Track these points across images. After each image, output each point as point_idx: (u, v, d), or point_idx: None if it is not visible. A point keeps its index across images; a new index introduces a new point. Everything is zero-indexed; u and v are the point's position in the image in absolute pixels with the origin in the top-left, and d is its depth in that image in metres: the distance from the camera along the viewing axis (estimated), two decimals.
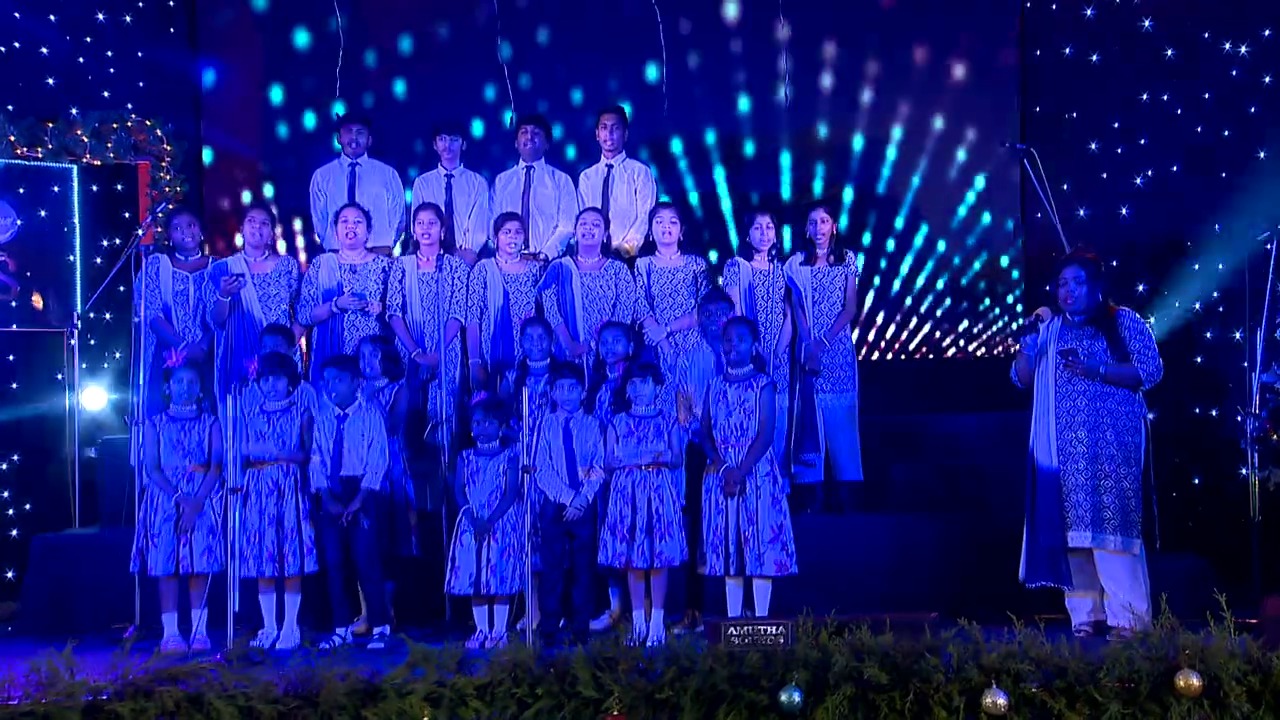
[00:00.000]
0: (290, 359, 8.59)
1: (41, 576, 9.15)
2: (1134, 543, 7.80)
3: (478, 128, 11.70)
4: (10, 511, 10.69)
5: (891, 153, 11.82)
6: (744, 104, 11.89)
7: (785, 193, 11.79)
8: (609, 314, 9.19)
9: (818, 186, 11.76)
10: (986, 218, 11.77)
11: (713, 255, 11.46)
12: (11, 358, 10.87)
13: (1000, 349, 11.59)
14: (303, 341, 9.57)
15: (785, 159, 11.87)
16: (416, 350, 9.25)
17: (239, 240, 9.99)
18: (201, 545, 8.25)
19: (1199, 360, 10.25)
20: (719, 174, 11.93)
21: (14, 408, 10.73)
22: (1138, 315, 8.07)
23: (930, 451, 10.00)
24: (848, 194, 11.83)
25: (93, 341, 10.92)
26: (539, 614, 8.09)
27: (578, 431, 8.21)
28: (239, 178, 12.05)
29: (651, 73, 11.84)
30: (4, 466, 10.75)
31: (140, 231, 9.80)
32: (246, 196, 11.91)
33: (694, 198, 11.93)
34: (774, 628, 5.36)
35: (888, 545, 8.99)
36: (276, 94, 12.07)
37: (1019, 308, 11.70)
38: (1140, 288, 10.64)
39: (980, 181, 11.72)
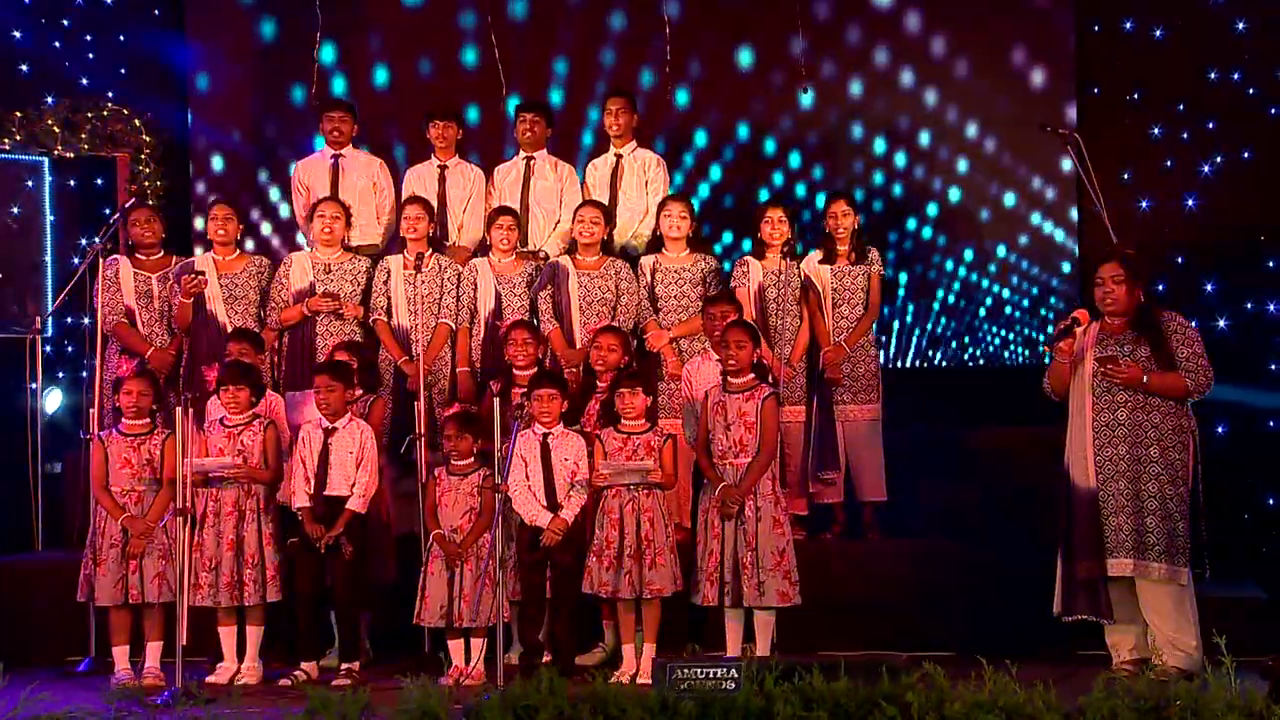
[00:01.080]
0: (254, 368, 8.29)
1: None
2: (1181, 571, 7.33)
3: (473, 114, 11.30)
4: None
5: (927, 139, 11.34)
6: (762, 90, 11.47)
7: (803, 186, 11.36)
8: (609, 317, 8.84)
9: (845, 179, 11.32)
10: (1035, 216, 11.21)
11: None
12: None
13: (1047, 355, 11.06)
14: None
15: (798, 150, 11.50)
16: (403, 358, 8.89)
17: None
18: (153, 572, 7.97)
19: (1273, 368, 9.74)
20: (730, 166, 11.56)
21: None
22: (1186, 320, 7.59)
23: (963, 469, 9.53)
24: (879, 185, 11.35)
25: (70, 348, 10.69)
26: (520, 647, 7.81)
27: (557, 447, 7.86)
28: (231, 170, 11.72)
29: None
30: None
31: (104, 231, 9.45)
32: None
33: (704, 190, 11.55)
34: (723, 669, 4.99)
35: (912, 573, 8.62)
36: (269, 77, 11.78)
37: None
38: (1208, 286, 10.21)
39: (1027, 170, 11.17)
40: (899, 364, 11.19)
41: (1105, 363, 7.38)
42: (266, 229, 11.66)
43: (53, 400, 10.34)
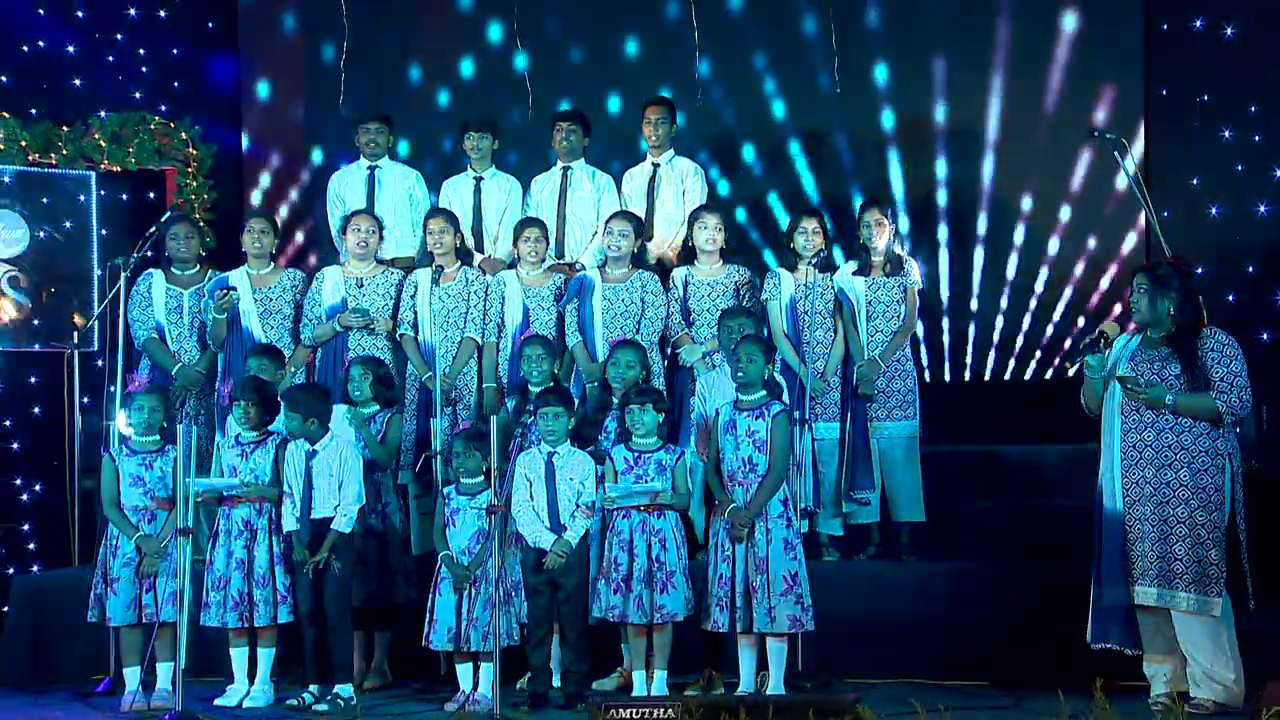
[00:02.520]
0: (269, 384, 8.24)
1: (23, 620, 9.02)
2: (1212, 602, 7.00)
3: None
4: (31, 545, 10.57)
5: (985, 142, 11.02)
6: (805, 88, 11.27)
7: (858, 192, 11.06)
8: (633, 331, 8.69)
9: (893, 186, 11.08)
10: (1100, 224, 10.87)
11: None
12: (34, 379, 10.80)
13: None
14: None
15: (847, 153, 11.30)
16: (427, 374, 8.81)
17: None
18: (166, 591, 7.95)
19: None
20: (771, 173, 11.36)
21: (37, 433, 10.60)
22: (1228, 337, 7.24)
23: (1005, 488, 9.27)
24: (930, 192, 11.07)
25: (100, 363, 10.72)
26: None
27: (563, 466, 7.72)
28: (283, 183, 11.74)
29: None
30: (25, 498, 10.67)
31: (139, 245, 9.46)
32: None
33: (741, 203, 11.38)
34: (661, 710, 4.83)
35: (949, 597, 8.35)
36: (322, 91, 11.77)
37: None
38: None
39: (1094, 176, 10.79)
40: (943, 378, 10.89)
41: (1124, 382, 7.10)
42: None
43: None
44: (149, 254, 9.50)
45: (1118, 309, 10.24)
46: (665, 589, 7.49)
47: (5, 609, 10.00)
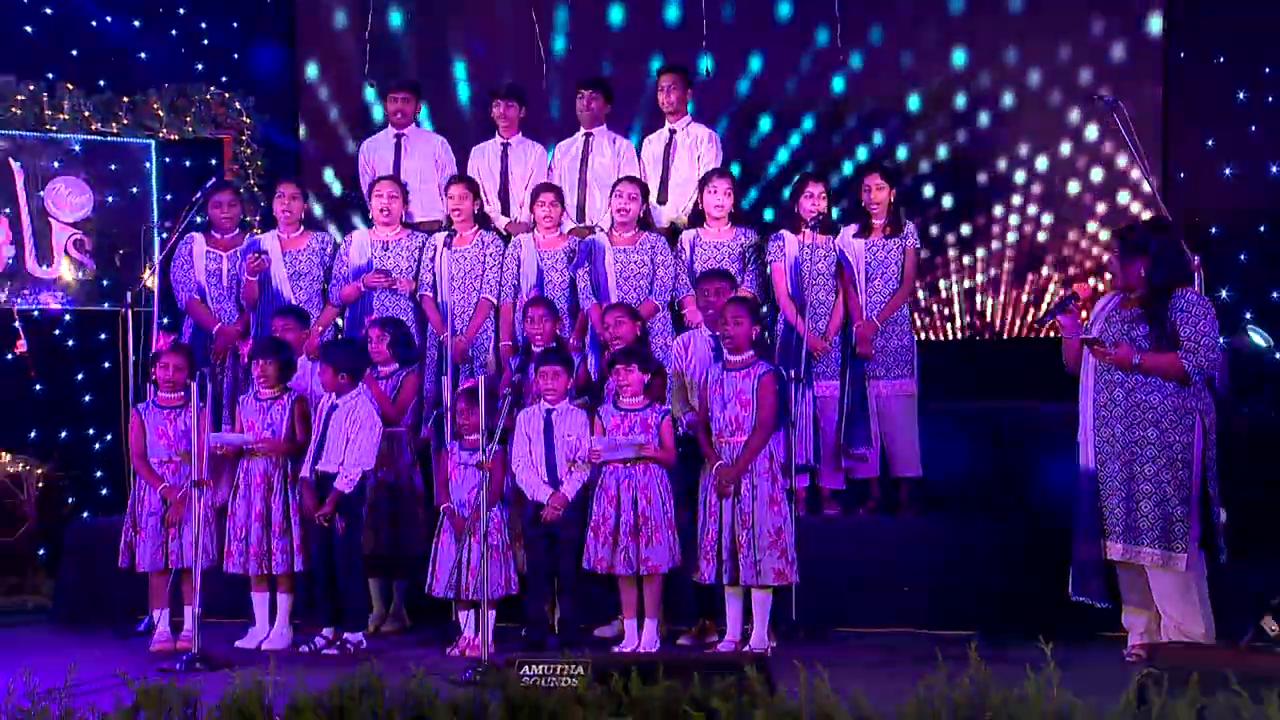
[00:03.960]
0: (286, 344, 8.18)
1: (75, 564, 9.06)
2: (1177, 557, 6.78)
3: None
4: (104, 492, 10.64)
5: (1004, 104, 10.71)
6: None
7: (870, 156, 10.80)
8: (645, 293, 8.55)
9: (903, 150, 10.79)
10: (1116, 189, 10.46)
11: None
12: (103, 336, 10.85)
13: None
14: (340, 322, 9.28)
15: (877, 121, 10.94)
16: (444, 333, 8.72)
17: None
18: (190, 538, 7.92)
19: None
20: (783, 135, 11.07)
21: (104, 388, 10.66)
22: (1199, 297, 6.98)
23: (1002, 445, 8.98)
24: (936, 153, 10.77)
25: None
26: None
27: (560, 424, 7.60)
28: (336, 151, 11.66)
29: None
30: (97, 447, 10.75)
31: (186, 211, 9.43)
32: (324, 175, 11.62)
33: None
34: (572, 665, 4.69)
35: (944, 550, 8.15)
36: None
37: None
38: None
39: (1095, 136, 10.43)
40: (941, 337, 10.61)
41: (1090, 344, 6.86)
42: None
43: None
44: (197, 219, 9.45)
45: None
46: (650, 542, 7.38)
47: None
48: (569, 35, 11.28)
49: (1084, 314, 7.22)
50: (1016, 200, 10.58)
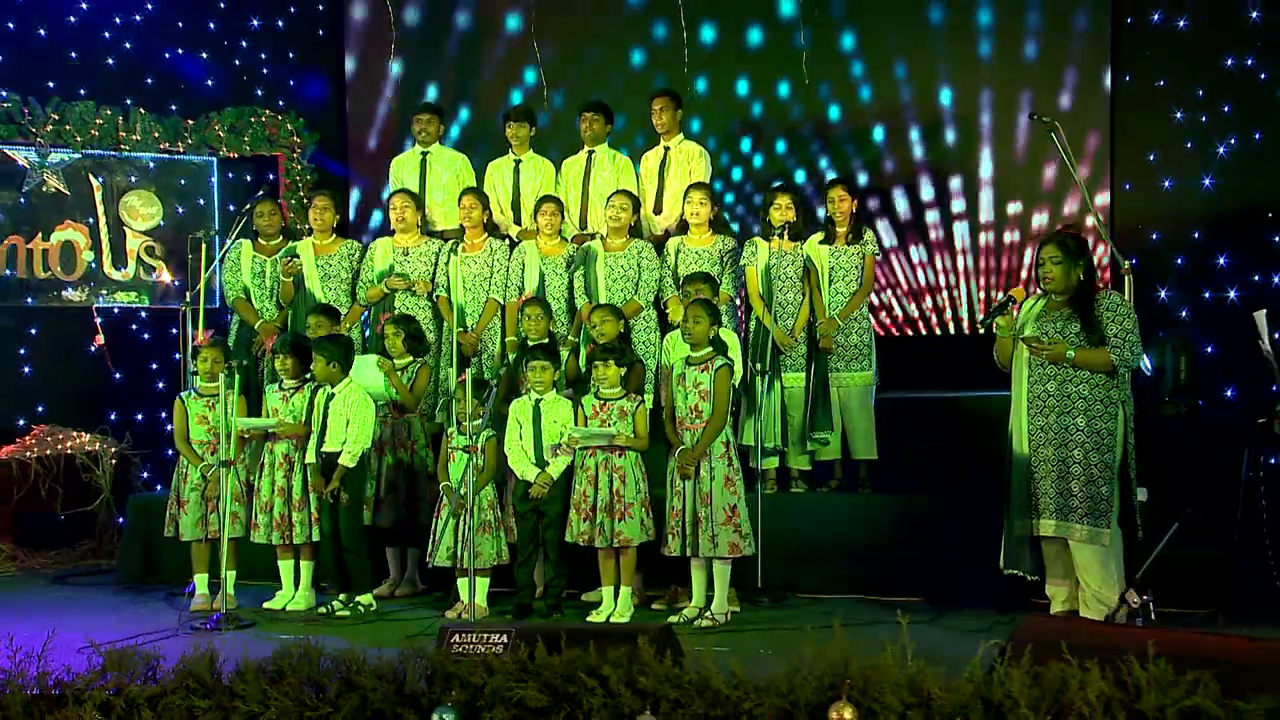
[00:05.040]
0: (304, 340, 8.07)
1: (136, 531, 8.98)
2: (1102, 533, 6.58)
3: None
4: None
5: (961, 123, 10.39)
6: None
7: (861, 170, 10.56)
8: (632, 293, 8.35)
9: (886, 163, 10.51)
10: (1045, 191, 10.19)
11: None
12: (173, 331, 10.73)
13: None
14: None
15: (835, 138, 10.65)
16: (458, 329, 8.56)
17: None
18: (225, 512, 7.82)
19: (1279, 336, 8.64)
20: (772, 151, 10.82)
21: (174, 376, 10.59)
22: (1122, 298, 6.81)
23: (950, 431, 8.73)
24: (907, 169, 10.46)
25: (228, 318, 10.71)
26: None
27: (547, 412, 7.43)
28: (381, 167, 11.52)
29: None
30: (169, 428, 10.54)
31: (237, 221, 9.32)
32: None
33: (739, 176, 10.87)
34: (496, 635, 4.51)
35: (894, 524, 7.93)
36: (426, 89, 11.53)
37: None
38: (1221, 260, 9.14)
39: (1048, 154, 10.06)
40: (897, 333, 10.31)
41: (1028, 342, 6.63)
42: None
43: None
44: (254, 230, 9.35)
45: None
46: (623, 518, 7.19)
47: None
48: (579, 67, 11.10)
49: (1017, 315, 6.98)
50: (964, 209, 10.28)
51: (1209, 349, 8.89)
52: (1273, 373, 7.20)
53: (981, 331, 8.67)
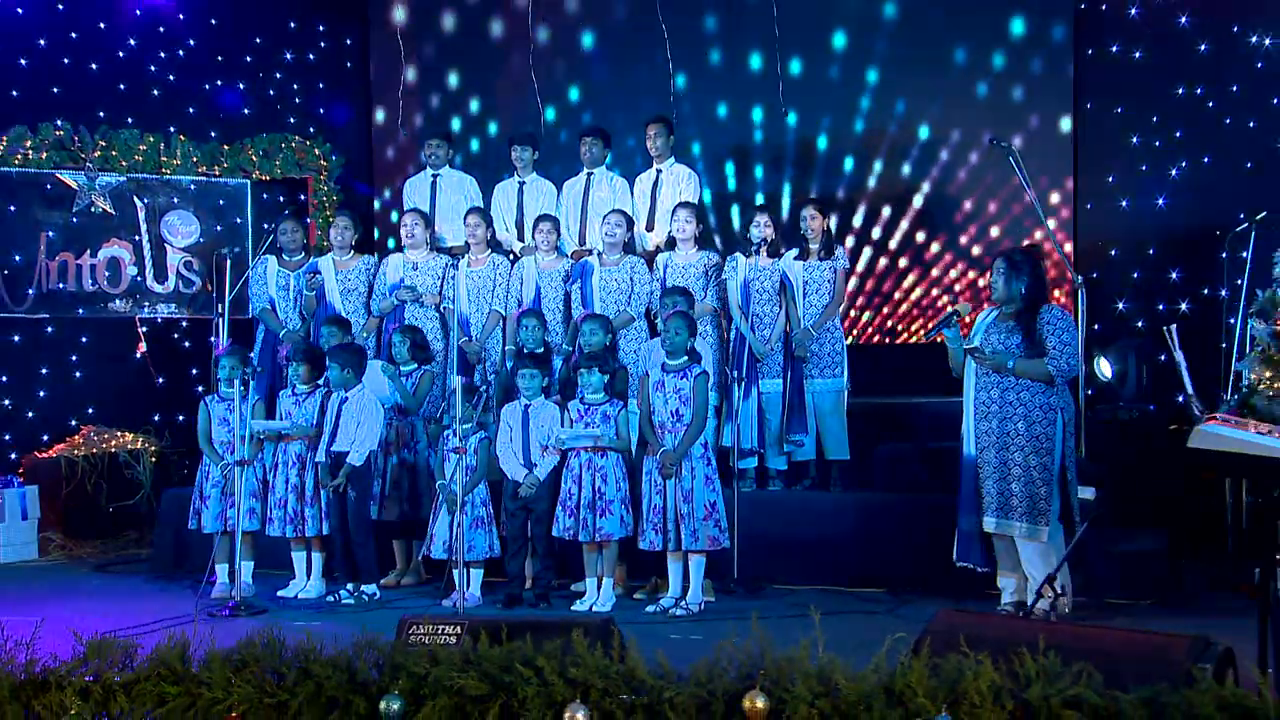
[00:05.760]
0: (316, 349, 8.01)
1: (168, 524, 8.90)
2: (1040, 529, 6.47)
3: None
4: None
5: (929, 146, 10.18)
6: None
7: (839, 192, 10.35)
8: (625, 306, 8.22)
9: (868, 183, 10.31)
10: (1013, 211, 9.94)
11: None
12: (212, 339, 10.66)
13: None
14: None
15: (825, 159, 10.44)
16: (463, 338, 8.46)
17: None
18: (245, 507, 7.76)
19: (1224, 346, 8.44)
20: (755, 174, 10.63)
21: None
22: (1063, 312, 6.65)
23: (915, 434, 8.59)
24: (871, 189, 10.27)
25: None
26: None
27: (535, 416, 7.32)
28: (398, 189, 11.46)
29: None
30: None
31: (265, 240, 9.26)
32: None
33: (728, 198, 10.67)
34: (450, 627, 4.41)
35: (862, 521, 7.79)
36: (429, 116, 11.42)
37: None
38: (1173, 275, 8.97)
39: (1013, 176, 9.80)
40: (867, 343, 10.14)
41: (971, 352, 6.51)
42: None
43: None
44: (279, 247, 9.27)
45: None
46: (605, 514, 7.09)
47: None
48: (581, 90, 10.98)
49: (965, 327, 6.84)
50: (932, 227, 10.10)
51: (1161, 357, 8.69)
52: (1183, 384, 7.04)
53: (931, 342, 8.54)
